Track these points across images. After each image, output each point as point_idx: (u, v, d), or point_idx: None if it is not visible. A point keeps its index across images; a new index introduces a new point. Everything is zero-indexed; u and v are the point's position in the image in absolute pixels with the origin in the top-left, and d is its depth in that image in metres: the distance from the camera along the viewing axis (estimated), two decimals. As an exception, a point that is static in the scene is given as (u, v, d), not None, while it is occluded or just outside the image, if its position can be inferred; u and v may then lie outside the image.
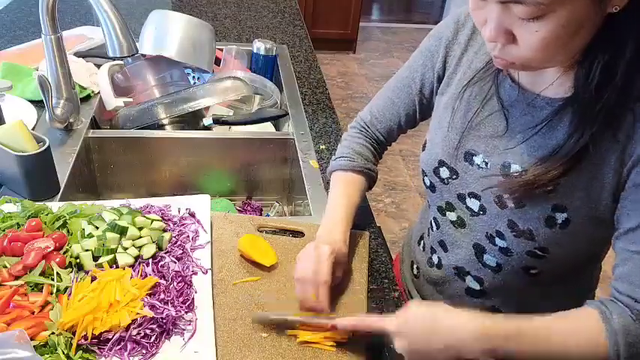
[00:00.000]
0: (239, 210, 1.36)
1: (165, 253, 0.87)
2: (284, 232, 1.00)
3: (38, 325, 0.72)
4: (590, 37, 0.64)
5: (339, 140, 1.33)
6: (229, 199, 1.36)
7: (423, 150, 0.90)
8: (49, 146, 1.01)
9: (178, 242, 0.90)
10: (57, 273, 0.80)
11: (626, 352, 0.65)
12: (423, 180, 0.91)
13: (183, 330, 0.76)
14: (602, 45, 0.64)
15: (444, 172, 0.85)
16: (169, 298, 0.79)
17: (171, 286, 0.81)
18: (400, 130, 1.00)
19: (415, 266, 1.04)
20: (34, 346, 0.68)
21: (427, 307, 0.70)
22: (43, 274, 0.79)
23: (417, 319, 0.69)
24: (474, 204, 0.82)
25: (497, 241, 0.80)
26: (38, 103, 1.31)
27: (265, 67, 1.67)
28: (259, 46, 1.66)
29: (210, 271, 0.86)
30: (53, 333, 0.71)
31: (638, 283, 0.67)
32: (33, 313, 0.74)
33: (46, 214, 0.90)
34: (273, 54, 1.68)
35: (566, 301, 0.73)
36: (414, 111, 0.96)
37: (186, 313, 0.78)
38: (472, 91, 0.83)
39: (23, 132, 0.99)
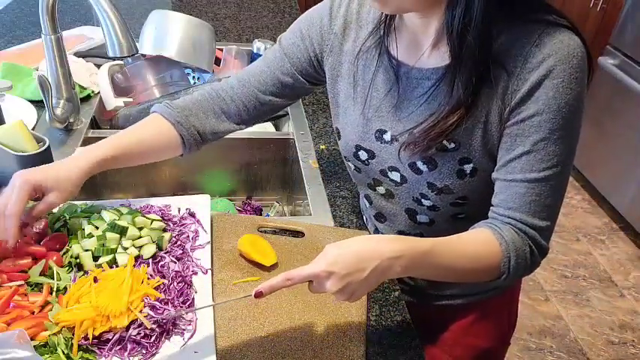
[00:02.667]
0: (239, 210, 1.36)
1: (166, 253, 0.87)
2: (284, 232, 1.00)
3: (38, 325, 0.72)
4: None
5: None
6: (229, 199, 1.36)
7: (339, 139, 0.95)
8: (49, 146, 1.01)
9: (178, 242, 0.90)
10: (57, 273, 0.80)
11: (515, 262, 0.75)
12: (347, 165, 0.96)
13: (183, 330, 0.77)
14: None
15: (363, 155, 0.90)
16: (169, 298, 0.79)
17: (172, 286, 0.81)
18: (263, 104, 0.96)
19: None
20: (34, 346, 0.68)
21: (346, 243, 0.71)
22: (43, 274, 0.80)
23: (345, 256, 0.70)
24: (395, 176, 0.87)
25: (424, 201, 0.87)
26: (38, 103, 1.31)
27: (265, 67, 1.67)
28: (259, 46, 1.66)
29: (210, 271, 0.86)
30: (54, 333, 0.71)
31: (515, 207, 0.76)
32: (33, 313, 0.74)
33: (46, 214, 0.90)
34: (273, 54, 1.67)
35: None
36: (282, 86, 0.95)
37: (186, 313, 0.78)
38: (362, 76, 0.87)
39: (23, 132, 0.99)
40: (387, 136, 0.85)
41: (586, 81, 0.73)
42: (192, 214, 0.97)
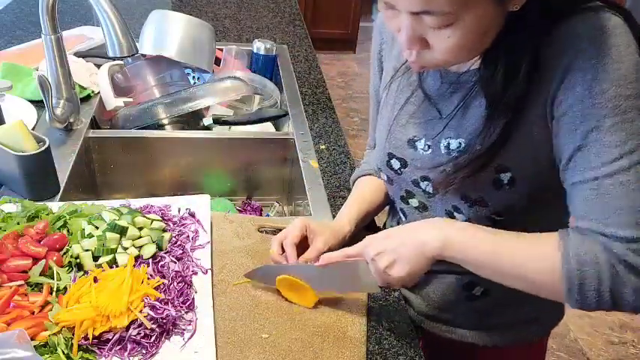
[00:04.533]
0: (239, 210, 1.36)
1: (166, 253, 0.87)
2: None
3: (38, 325, 0.72)
4: (496, 34, 0.68)
5: (339, 140, 1.34)
6: (229, 199, 1.36)
7: (374, 148, 0.94)
8: (49, 146, 1.01)
9: (178, 242, 0.90)
10: (57, 273, 0.80)
11: (580, 275, 0.63)
12: (380, 175, 0.94)
13: (183, 330, 0.76)
14: (505, 40, 0.68)
15: (395, 164, 0.87)
16: (169, 298, 0.79)
17: (172, 286, 0.81)
18: None
19: None
20: (34, 346, 0.68)
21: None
22: (43, 274, 0.79)
23: (384, 230, 0.78)
24: (427, 186, 0.84)
25: (457, 215, 0.82)
26: (38, 103, 1.31)
27: (265, 67, 1.67)
28: (259, 46, 1.66)
29: (210, 271, 0.86)
30: (54, 333, 0.71)
31: (583, 214, 0.66)
32: (33, 313, 0.74)
33: (46, 214, 0.90)
34: (273, 54, 1.68)
35: None
36: None
37: (186, 313, 0.78)
38: (400, 84, 0.86)
39: (23, 132, 0.99)
40: (421, 144, 0.82)
41: (636, 56, 0.63)
42: (192, 214, 0.97)
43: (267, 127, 1.45)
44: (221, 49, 1.69)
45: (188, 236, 0.92)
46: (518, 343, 0.96)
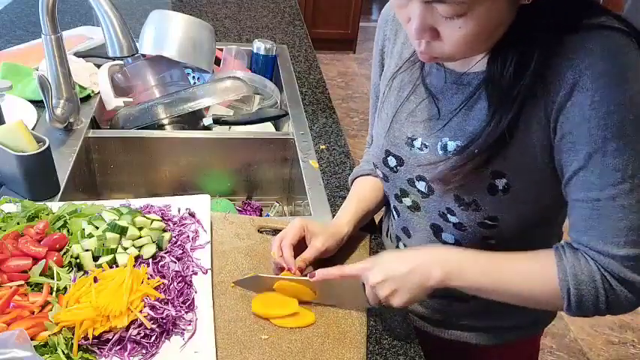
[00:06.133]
0: (239, 210, 1.36)
1: (166, 253, 0.87)
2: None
3: (38, 325, 0.72)
4: (505, 29, 0.67)
5: (339, 140, 1.34)
6: (229, 199, 1.36)
7: (370, 145, 0.93)
8: (49, 146, 1.01)
9: (178, 242, 0.90)
10: (57, 273, 0.80)
11: (576, 290, 0.69)
12: (376, 172, 0.94)
13: (183, 330, 0.77)
14: (516, 36, 0.67)
15: (392, 161, 0.87)
16: (169, 298, 0.79)
17: (172, 286, 0.81)
18: None
19: None
20: (34, 346, 0.68)
21: (396, 249, 0.78)
22: (43, 274, 0.79)
23: (386, 255, 0.79)
24: (422, 186, 0.83)
25: (450, 217, 0.82)
26: (38, 103, 1.31)
27: (265, 67, 1.67)
28: (259, 46, 1.66)
29: (210, 272, 0.86)
30: (54, 333, 0.71)
31: (581, 230, 0.70)
32: (33, 313, 0.74)
33: (46, 214, 0.90)
34: (273, 54, 1.68)
35: None
36: None
37: (186, 313, 0.78)
38: (402, 80, 0.86)
39: (23, 132, 0.99)
40: (418, 143, 0.82)
41: None
42: (192, 214, 0.97)
43: (267, 127, 1.45)
44: (221, 49, 1.69)
45: (188, 236, 0.92)
46: (513, 342, 0.97)
